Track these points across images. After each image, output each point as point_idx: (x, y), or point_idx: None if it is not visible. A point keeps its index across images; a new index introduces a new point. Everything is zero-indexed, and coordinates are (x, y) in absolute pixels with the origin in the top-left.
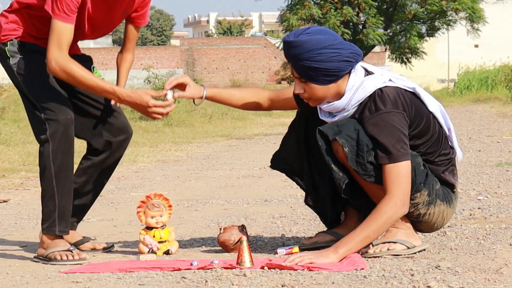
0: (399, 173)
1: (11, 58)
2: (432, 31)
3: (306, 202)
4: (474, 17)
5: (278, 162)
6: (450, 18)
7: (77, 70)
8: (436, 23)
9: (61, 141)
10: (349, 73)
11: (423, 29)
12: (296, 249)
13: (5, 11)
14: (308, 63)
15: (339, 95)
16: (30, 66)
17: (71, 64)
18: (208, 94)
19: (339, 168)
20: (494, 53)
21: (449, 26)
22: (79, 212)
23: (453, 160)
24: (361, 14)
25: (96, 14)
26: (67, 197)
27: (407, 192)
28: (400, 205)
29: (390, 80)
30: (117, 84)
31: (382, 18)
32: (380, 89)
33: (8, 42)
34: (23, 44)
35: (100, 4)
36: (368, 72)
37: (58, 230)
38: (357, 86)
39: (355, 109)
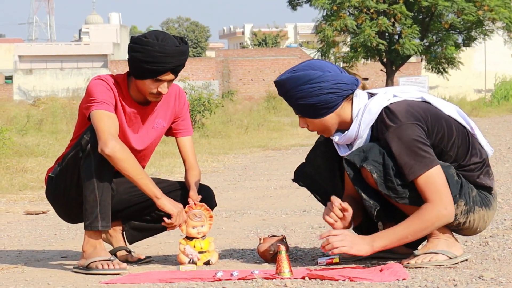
0: (433, 181)
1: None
2: (468, 41)
3: None
4: (511, 27)
5: (302, 176)
6: (487, 28)
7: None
8: (473, 33)
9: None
10: (351, 99)
11: (460, 39)
12: (336, 259)
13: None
14: (293, 101)
15: (346, 123)
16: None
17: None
18: None
19: (369, 196)
20: None
21: (486, 36)
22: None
23: (486, 161)
24: (396, 25)
25: (131, 121)
26: (108, 192)
27: (448, 197)
28: (444, 213)
29: (394, 96)
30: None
31: (418, 28)
32: (387, 107)
33: None
34: None
35: (132, 111)
36: (372, 95)
37: (101, 225)
38: (362, 111)
39: (368, 133)
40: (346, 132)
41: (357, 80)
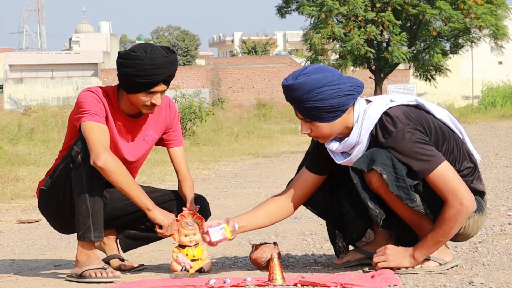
0: (444, 177)
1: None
2: (456, 48)
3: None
4: (498, 34)
5: None
6: (474, 35)
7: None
8: (460, 41)
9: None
10: (353, 105)
11: (447, 46)
12: (227, 230)
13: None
14: (310, 104)
15: (348, 129)
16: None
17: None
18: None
19: (375, 204)
20: None
21: (473, 43)
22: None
23: (477, 166)
24: (385, 32)
25: (122, 133)
26: (99, 203)
27: (462, 189)
28: (462, 208)
29: (391, 100)
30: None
31: (406, 36)
32: (385, 112)
33: None
34: None
35: (123, 123)
36: (368, 101)
37: (93, 236)
38: (362, 116)
39: (368, 139)
40: (346, 139)
41: (362, 83)
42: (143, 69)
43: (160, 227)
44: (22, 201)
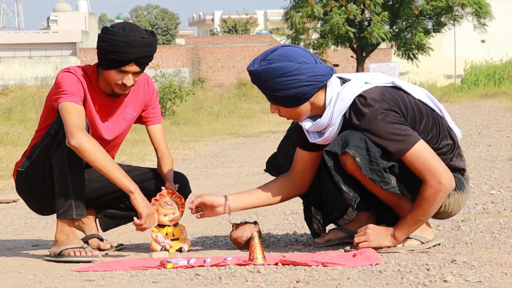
0: (420, 156)
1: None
2: (438, 27)
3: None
4: (481, 12)
5: (274, 166)
6: (456, 13)
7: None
8: (443, 19)
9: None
10: (325, 87)
11: (429, 25)
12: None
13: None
14: (268, 92)
15: (320, 109)
16: None
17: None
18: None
19: (349, 187)
20: (501, 48)
21: (456, 22)
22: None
23: (457, 143)
24: (366, 11)
25: (101, 111)
26: (81, 181)
27: (439, 167)
28: (440, 187)
29: (366, 83)
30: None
31: (387, 15)
32: (360, 94)
33: None
34: None
35: (102, 102)
36: (344, 81)
37: (75, 213)
38: (335, 99)
39: (340, 121)
40: (318, 120)
41: (332, 70)
42: (115, 45)
43: (138, 218)
44: (0, 181)
